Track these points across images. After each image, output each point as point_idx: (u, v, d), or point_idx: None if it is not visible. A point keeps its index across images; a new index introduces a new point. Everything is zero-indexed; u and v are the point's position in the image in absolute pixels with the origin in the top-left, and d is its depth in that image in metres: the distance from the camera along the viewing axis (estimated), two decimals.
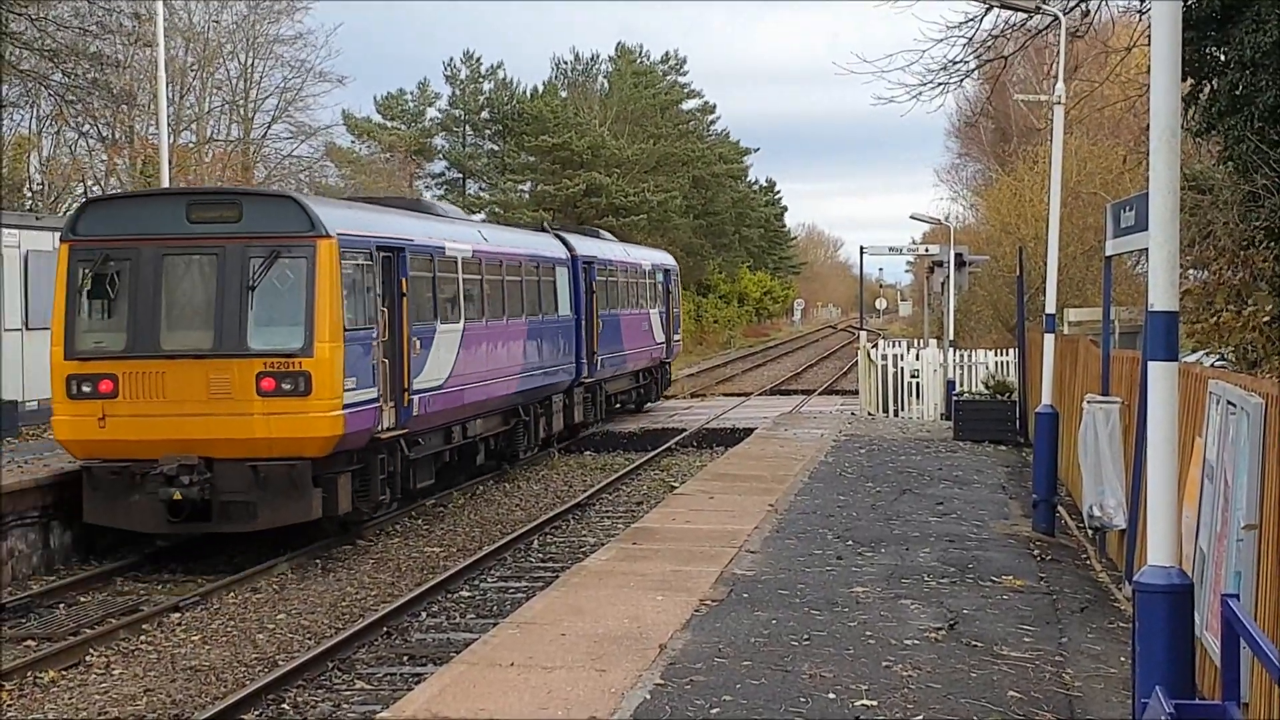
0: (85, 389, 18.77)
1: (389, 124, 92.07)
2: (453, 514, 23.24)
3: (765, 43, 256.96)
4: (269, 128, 60.00)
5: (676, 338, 43.77)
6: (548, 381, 29.37)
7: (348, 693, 13.07)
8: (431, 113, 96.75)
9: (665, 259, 44.75)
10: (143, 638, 15.17)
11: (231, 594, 17.21)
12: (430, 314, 22.66)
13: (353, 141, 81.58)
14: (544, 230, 34.43)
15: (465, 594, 17.16)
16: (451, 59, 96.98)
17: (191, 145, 53.38)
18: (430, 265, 22.92)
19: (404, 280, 21.45)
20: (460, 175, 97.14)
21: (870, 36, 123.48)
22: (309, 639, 15.10)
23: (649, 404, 39.99)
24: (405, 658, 14.25)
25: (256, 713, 12.42)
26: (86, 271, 19.14)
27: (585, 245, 34.25)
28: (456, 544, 20.63)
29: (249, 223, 19.10)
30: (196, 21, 51.85)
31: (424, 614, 16.05)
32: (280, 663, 13.98)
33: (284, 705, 12.68)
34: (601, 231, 41.47)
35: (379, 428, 20.26)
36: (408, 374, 21.29)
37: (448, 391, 23.02)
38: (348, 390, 19.09)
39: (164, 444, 18.42)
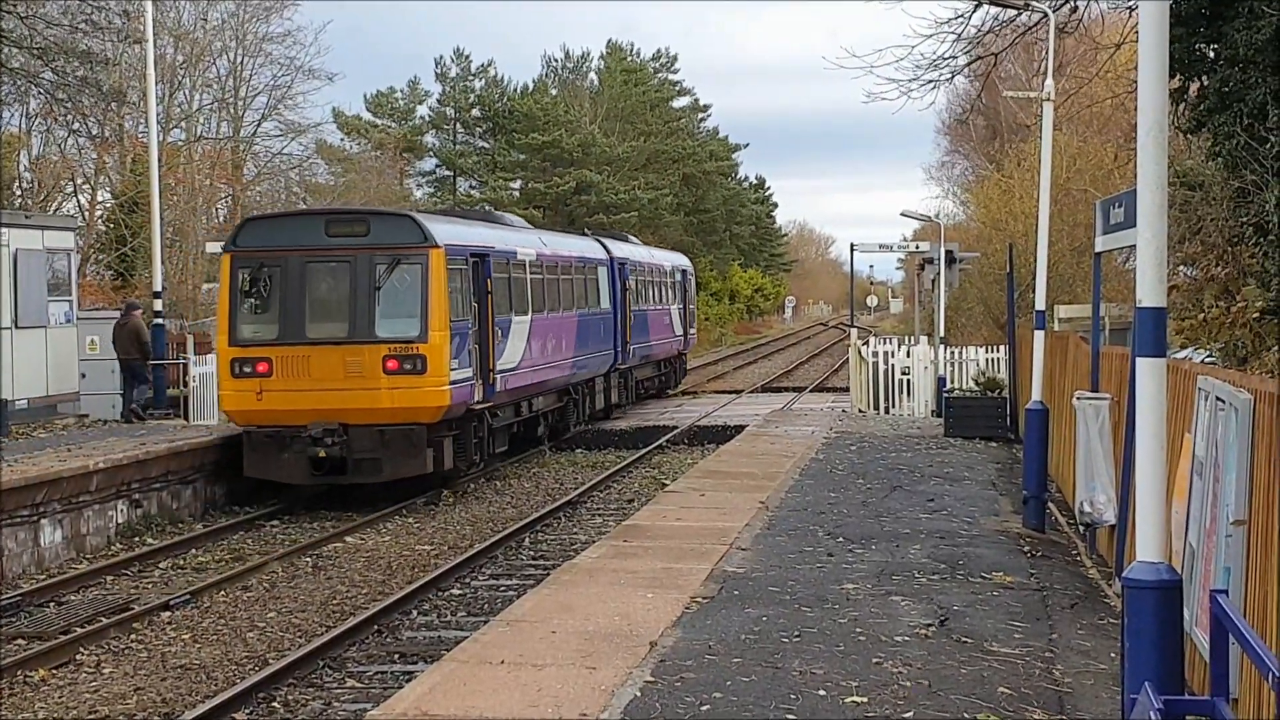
0: (245, 370, 23.26)
1: (379, 121, 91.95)
2: (444, 512, 23.23)
3: (762, 39, 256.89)
4: (259, 125, 59.93)
5: (693, 331, 48.97)
6: (592, 366, 33.97)
7: (338, 691, 13.06)
8: (422, 110, 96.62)
9: (682, 260, 49.47)
10: (133, 636, 15.14)
11: (222, 592, 17.19)
12: (507, 308, 27.04)
13: (342, 139, 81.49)
14: (585, 234, 39.41)
15: (456, 592, 17.15)
16: (442, 57, 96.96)
17: (181, 143, 53.31)
18: (506, 268, 27.43)
19: (489, 280, 25.79)
20: (451, 173, 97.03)
21: (868, 32, 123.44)
22: (300, 637, 15.08)
23: (669, 390, 44.18)
24: (396, 656, 14.24)
25: (247, 711, 12.40)
26: (246, 276, 23.55)
27: (619, 248, 38.85)
28: (448, 542, 20.62)
29: (375, 236, 23.63)
30: (185, 19, 51.75)
31: (415, 612, 16.04)
32: (271, 661, 13.97)
33: (274, 703, 12.66)
34: (629, 235, 46.63)
35: (473, 400, 24.75)
36: (492, 357, 25.71)
37: (520, 372, 27.64)
38: (452, 370, 23.63)
39: (309, 413, 22.87)
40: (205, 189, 54.73)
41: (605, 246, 37.45)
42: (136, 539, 20.59)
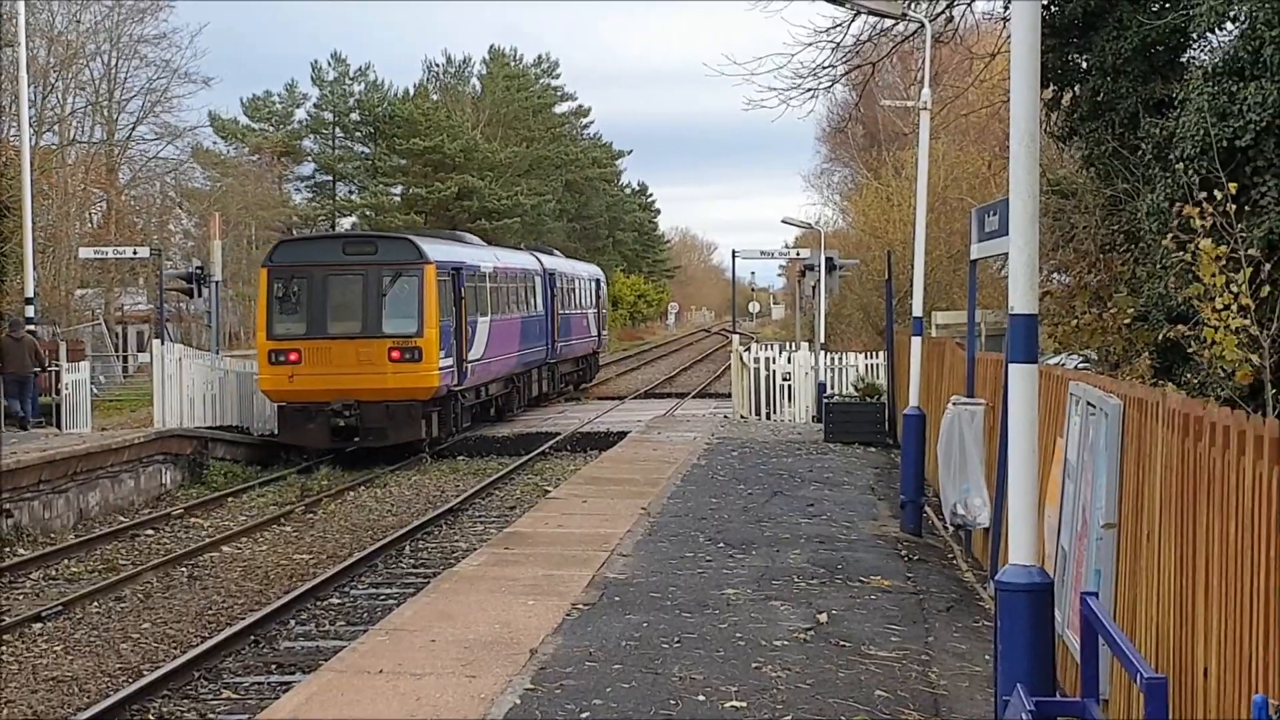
0: (280, 358, 29.53)
1: (256, 126, 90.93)
2: (323, 520, 23.01)
3: (645, 44, 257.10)
4: (133, 129, 59.05)
5: (604, 332, 56.41)
6: (532, 360, 40.14)
7: (214, 702, 12.88)
8: (300, 114, 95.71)
9: (597, 271, 56.89)
10: (3, 648, 14.82)
11: (95, 603, 16.89)
12: (475, 311, 32.93)
13: (218, 143, 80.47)
14: (521, 249, 45.34)
15: (335, 601, 16.99)
16: (318, 60, 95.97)
17: (54, 147, 52.36)
18: (475, 278, 33.53)
19: (463, 288, 31.93)
20: (330, 178, 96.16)
21: (752, 39, 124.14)
22: (175, 648, 14.86)
23: (584, 384, 49.59)
24: (273, 666, 14.07)
25: None
26: (280, 285, 29.90)
27: (549, 261, 45.13)
28: (327, 550, 20.42)
29: (382, 255, 30.26)
30: (58, 21, 50.83)
31: (293, 622, 15.87)
32: (145, 672, 13.74)
33: (149, 716, 12.47)
34: (554, 249, 52.36)
35: (453, 384, 31.11)
36: (465, 350, 31.83)
37: (483, 363, 33.65)
38: (440, 359, 29.92)
39: (330, 392, 29.01)
40: (79, 194, 53.77)
41: (539, 259, 43.52)
42: (8, 549, 20.16)
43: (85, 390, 32.00)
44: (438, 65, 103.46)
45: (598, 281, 54.20)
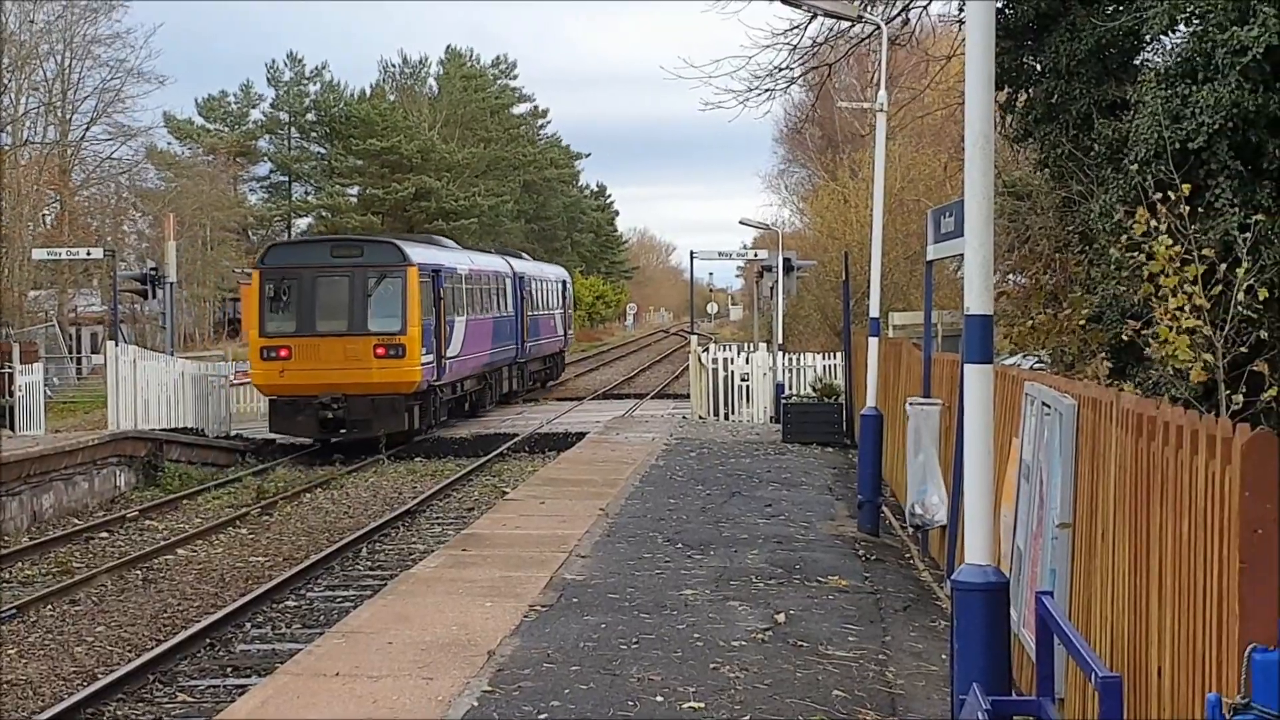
0: (271, 354, 30.88)
1: (211, 126, 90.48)
2: (279, 522, 22.91)
3: (611, 46, 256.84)
4: (87, 129, 58.67)
5: (570, 333, 59.18)
6: (503, 358, 41.86)
7: (169, 705, 12.80)
8: (255, 115, 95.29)
9: (563, 273, 59.32)
10: None
11: (49, 606, 16.76)
12: (452, 311, 34.65)
13: (173, 144, 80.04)
14: (492, 253, 47.25)
15: (291, 604, 16.91)
16: (274, 60, 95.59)
17: (7, 148, 51.96)
18: (452, 279, 35.16)
19: (441, 289, 33.51)
20: (286, 178, 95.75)
21: (712, 41, 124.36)
22: (129, 651, 14.76)
23: (550, 381, 51.45)
24: (229, 669, 14.00)
25: None
26: (271, 286, 31.27)
27: (519, 264, 47.05)
28: (283, 553, 20.33)
29: (367, 257, 31.89)
30: (10, 21, 50.45)
31: (249, 625, 15.79)
32: (99, 676, 13.65)
33: (103, 719, 12.39)
34: (522, 253, 54.52)
35: (433, 379, 32.81)
36: (444, 348, 33.51)
37: (460, 360, 35.42)
38: (422, 356, 31.65)
39: (319, 386, 30.45)
40: (32, 195, 53.37)
41: (510, 262, 45.51)
42: None
43: (39, 392, 31.81)
44: (394, 66, 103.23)
45: (564, 283, 56.63)
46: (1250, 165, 14.11)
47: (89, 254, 45.99)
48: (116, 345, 32.14)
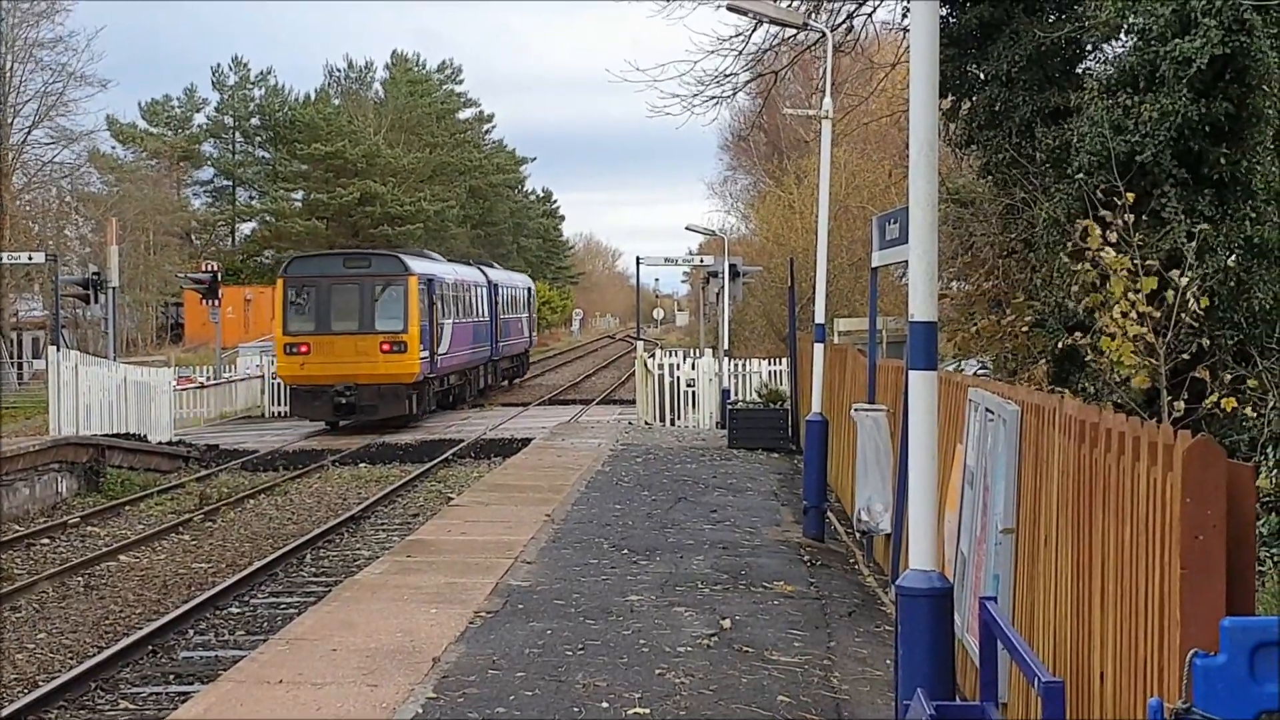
0: (293, 350, 36.79)
1: (155, 130, 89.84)
2: (222, 528, 22.76)
3: (559, 50, 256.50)
4: (29, 133, 58.17)
5: (535, 334, 67.09)
6: (480, 356, 47.43)
7: (111, 713, 12.69)
8: (199, 118, 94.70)
9: (529, 281, 66.94)
10: None
11: None
12: (442, 314, 40.29)
13: (116, 148, 79.44)
14: (470, 264, 52.64)
15: (234, 610, 16.80)
16: (219, 64, 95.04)
17: None
18: (442, 287, 40.87)
19: (435, 296, 39.42)
20: (230, 183, 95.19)
21: (662, 47, 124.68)
22: (71, 658, 14.63)
23: (517, 379, 57.35)
24: (171, 676, 13.88)
25: None
26: (293, 292, 37.20)
27: (493, 273, 53.21)
28: (226, 559, 20.20)
29: (375, 268, 38.00)
30: None
31: (191, 631, 15.67)
32: (40, 683, 13.51)
33: None
34: (493, 264, 62.62)
35: (428, 372, 38.51)
36: (435, 346, 39.13)
37: (448, 357, 41.01)
38: (420, 351, 37.34)
39: (333, 376, 36.05)
40: None
41: (485, 272, 51.22)
42: None
43: None
44: (339, 70, 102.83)
45: (529, 290, 63.75)
46: (1192, 174, 14.27)
47: (30, 258, 45.58)
48: (58, 350, 31.86)
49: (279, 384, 42.15)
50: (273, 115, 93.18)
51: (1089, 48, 17.53)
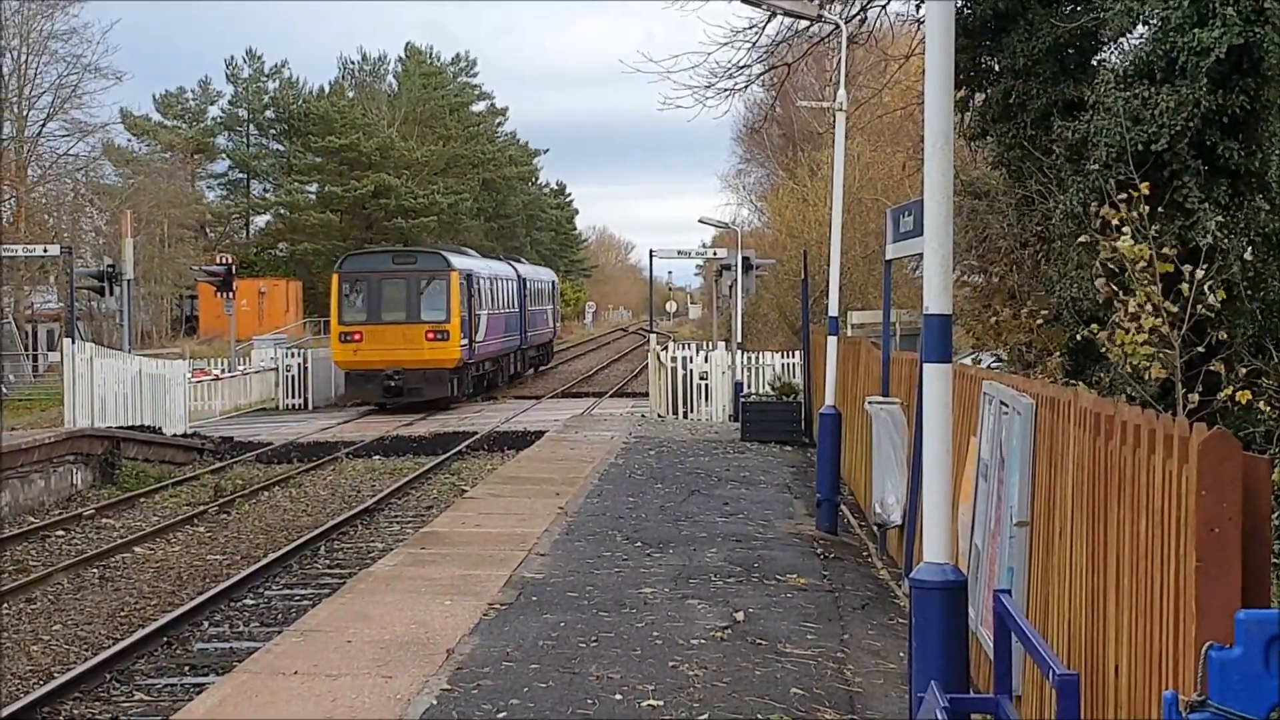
0: (348, 338, 40.84)
1: (169, 123, 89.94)
2: (237, 520, 22.80)
3: (573, 44, 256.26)
4: (43, 125, 58.29)
5: (559, 324, 74.06)
6: (511, 345, 51.32)
7: (126, 704, 12.73)
8: (213, 111, 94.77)
9: (552, 274, 72.14)
10: None
11: (5, 605, 16.63)
12: (479, 306, 44.36)
13: (130, 140, 79.54)
14: (501, 259, 57.01)
15: (249, 602, 16.84)
16: (233, 57, 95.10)
17: None
18: (479, 281, 45.03)
19: (472, 288, 43.32)
20: (244, 175, 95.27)
21: (675, 41, 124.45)
22: (86, 650, 14.67)
23: (543, 365, 61.53)
24: (186, 668, 13.92)
25: None
26: (348, 286, 41.45)
27: (521, 268, 57.20)
28: (241, 551, 20.24)
29: (420, 264, 42.30)
30: None
31: (206, 623, 15.71)
32: (56, 674, 13.56)
33: (60, 718, 12.29)
34: (521, 258, 66.98)
35: (466, 359, 42.25)
36: (473, 333, 43.18)
37: (483, 344, 45.00)
38: (461, 340, 41.24)
39: (383, 361, 40.02)
40: None
41: (515, 267, 55.38)
42: None
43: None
44: (354, 63, 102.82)
45: (553, 284, 68.43)
46: (1209, 165, 14.23)
47: (45, 251, 45.66)
48: (73, 343, 31.94)
49: (293, 377, 43.94)
50: (287, 108, 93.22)
51: (1105, 39, 17.47)
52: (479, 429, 34.24)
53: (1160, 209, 13.32)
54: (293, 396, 43.84)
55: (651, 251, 43.48)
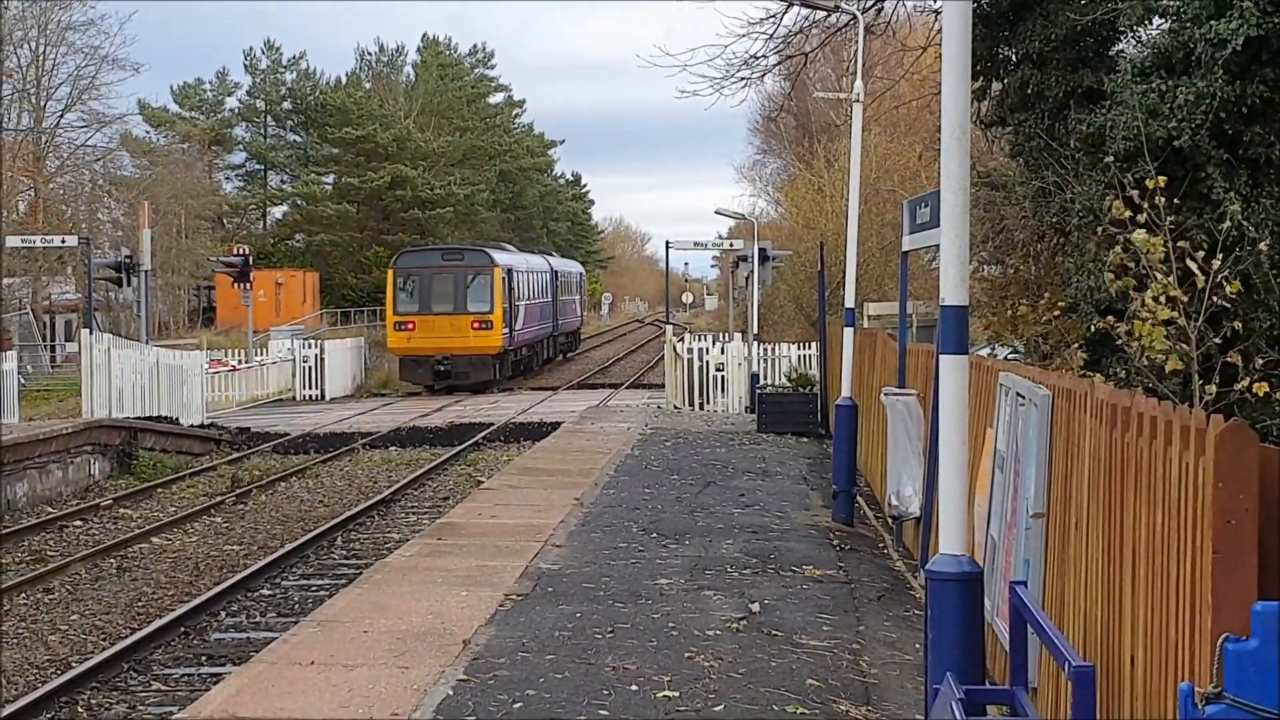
0: (401, 327, 45.09)
1: (186, 114, 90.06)
2: (254, 511, 22.87)
3: (593, 36, 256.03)
4: (61, 116, 58.42)
5: (585, 314, 78.35)
6: (544, 333, 55.60)
7: (143, 694, 12.77)
8: (231, 103, 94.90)
9: (579, 266, 77.74)
10: None
11: (23, 595, 16.71)
12: (518, 297, 48.16)
13: (148, 131, 79.67)
14: (535, 253, 62.63)
15: (266, 592, 16.89)
16: (251, 48, 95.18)
17: None
18: (517, 274, 48.53)
19: (512, 281, 47.12)
20: (261, 167, 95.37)
21: (696, 33, 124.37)
22: (104, 640, 14.72)
23: (571, 352, 65.94)
24: (203, 658, 13.97)
25: (49, 716, 12.07)
26: (402, 280, 45.55)
27: (553, 261, 62.24)
28: (258, 541, 20.29)
29: (467, 261, 46.68)
30: None
31: (223, 613, 15.76)
32: (74, 664, 13.61)
33: (77, 708, 12.34)
34: (552, 251, 73.85)
35: (507, 345, 46.53)
36: (513, 322, 47.07)
37: (521, 332, 49.07)
38: (503, 328, 45.43)
39: (433, 349, 44.26)
40: (5, 182, 53.11)
41: (548, 260, 60.21)
42: None
43: (12, 380, 31.68)
44: (371, 54, 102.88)
45: (580, 275, 73.81)
46: (1229, 156, 14.17)
47: (63, 241, 45.83)
48: (91, 333, 32.03)
49: (309, 368, 44.96)
50: (304, 99, 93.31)
51: (1122, 30, 17.40)
52: (495, 420, 34.28)
53: (1177, 200, 13.26)
54: (309, 388, 44.01)
55: (668, 243, 43.67)
